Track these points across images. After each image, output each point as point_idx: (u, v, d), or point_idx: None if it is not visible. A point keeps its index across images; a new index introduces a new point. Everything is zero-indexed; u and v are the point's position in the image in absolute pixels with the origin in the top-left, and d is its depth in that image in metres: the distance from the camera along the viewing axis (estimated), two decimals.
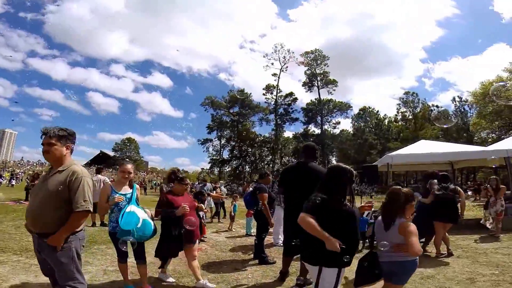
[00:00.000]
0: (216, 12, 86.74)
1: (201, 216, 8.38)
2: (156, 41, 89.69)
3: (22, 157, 58.02)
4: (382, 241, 2.69)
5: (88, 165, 57.54)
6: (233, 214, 9.68)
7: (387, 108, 76.59)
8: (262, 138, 47.38)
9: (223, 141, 50.08)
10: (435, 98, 73.32)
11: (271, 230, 6.05)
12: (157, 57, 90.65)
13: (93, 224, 9.07)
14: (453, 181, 6.37)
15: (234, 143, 48.89)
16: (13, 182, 30.92)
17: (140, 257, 3.68)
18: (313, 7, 78.66)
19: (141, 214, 3.45)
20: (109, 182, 3.54)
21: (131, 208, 3.43)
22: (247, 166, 48.25)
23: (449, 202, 5.58)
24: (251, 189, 7.91)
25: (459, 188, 6.13)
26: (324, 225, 2.35)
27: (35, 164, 54.29)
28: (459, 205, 5.80)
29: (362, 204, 3.18)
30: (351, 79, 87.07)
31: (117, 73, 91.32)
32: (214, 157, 49.69)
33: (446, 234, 5.71)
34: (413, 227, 2.59)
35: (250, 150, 46.36)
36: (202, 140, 49.81)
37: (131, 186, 3.68)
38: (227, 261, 5.59)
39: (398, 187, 2.95)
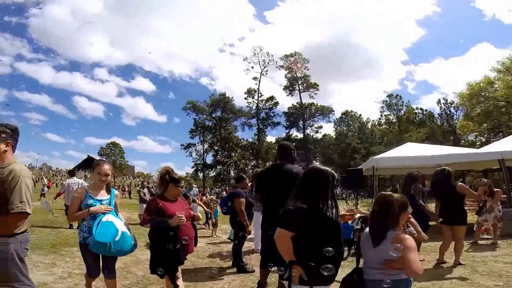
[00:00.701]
0: (194, 14, 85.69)
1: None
2: (136, 44, 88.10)
3: None
4: (370, 257, 2.30)
5: (76, 169, 55.90)
6: (214, 220, 9.35)
7: (370, 112, 77.17)
8: (245, 142, 46.91)
9: (206, 146, 49.52)
10: (418, 101, 74.09)
11: (252, 236, 5.79)
12: (139, 61, 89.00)
13: (70, 226, 8.85)
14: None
15: (217, 148, 48.28)
16: None
17: (110, 270, 3.14)
18: (289, 8, 78.07)
19: (120, 225, 2.99)
20: (85, 186, 3.09)
21: (109, 217, 2.96)
22: (231, 171, 47.56)
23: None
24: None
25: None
26: (304, 239, 2.08)
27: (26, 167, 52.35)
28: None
29: (343, 213, 2.71)
30: (332, 83, 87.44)
31: (101, 77, 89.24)
32: (197, 162, 49.05)
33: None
34: (410, 241, 2.17)
35: (233, 154, 45.77)
36: (185, 145, 49.09)
37: (108, 191, 3.20)
38: (203, 268, 5.31)
39: (389, 193, 2.48)
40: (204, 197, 11.41)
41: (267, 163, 47.51)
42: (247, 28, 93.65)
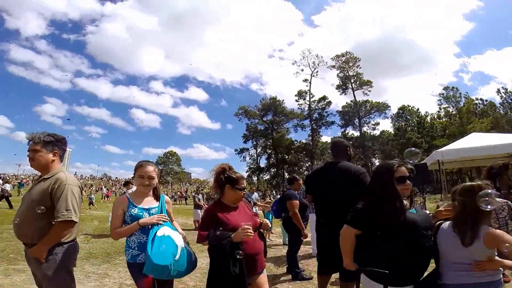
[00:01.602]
0: (243, 23, 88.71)
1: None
2: (189, 56, 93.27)
3: (76, 172, 61.83)
4: (453, 258, 2.02)
5: (133, 178, 60.57)
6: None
7: (427, 105, 73.51)
8: (298, 144, 47.00)
9: (259, 150, 50.43)
10: (476, 92, 69.73)
11: (309, 239, 5.34)
12: (192, 72, 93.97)
13: None
14: None
15: (270, 151, 48.87)
16: None
17: None
18: (336, 11, 78.23)
19: (178, 240, 2.37)
20: (126, 195, 2.55)
21: (165, 230, 2.33)
22: (285, 173, 47.88)
23: None
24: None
25: None
26: (374, 240, 2.00)
27: (87, 178, 57.74)
28: None
29: (440, 209, 2.38)
30: (385, 80, 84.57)
31: (156, 90, 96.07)
32: (251, 166, 50.01)
33: None
34: (508, 236, 1.92)
35: (286, 157, 46.08)
36: (239, 150, 50.39)
37: (157, 198, 2.58)
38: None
39: (473, 183, 2.13)
40: (263, 200, 11.28)
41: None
42: (296, 33, 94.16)
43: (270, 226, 2.58)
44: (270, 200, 11.99)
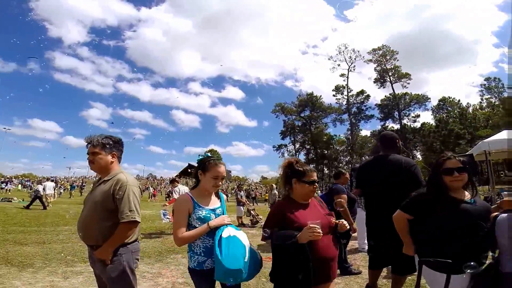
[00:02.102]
0: (276, 21, 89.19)
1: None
2: (224, 56, 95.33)
3: None
4: None
5: (178, 177, 63.42)
6: None
7: (467, 96, 70.06)
8: (337, 138, 47.28)
9: (297, 145, 51.00)
10: None
11: (354, 234, 5.04)
12: (228, 71, 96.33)
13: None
14: None
15: (308, 147, 49.49)
16: None
17: None
18: (368, 5, 76.36)
19: (245, 239, 2.17)
20: (188, 193, 2.27)
21: (230, 231, 2.13)
22: (325, 168, 48.40)
23: None
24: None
25: None
26: (429, 225, 2.12)
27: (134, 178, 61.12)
28: None
29: (505, 199, 2.29)
30: (423, 72, 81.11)
31: (195, 90, 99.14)
32: None
33: None
34: None
35: (326, 152, 46.42)
36: (277, 146, 51.33)
37: (218, 196, 2.41)
38: None
39: None
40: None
41: (363, 158, 46.95)
42: (329, 28, 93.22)
43: (347, 226, 2.16)
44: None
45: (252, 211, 11.93)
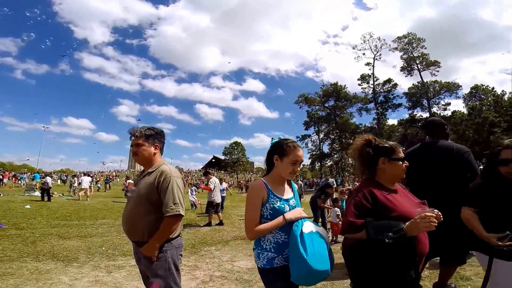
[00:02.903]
0: (294, 12, 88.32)
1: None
2: (244, 49, 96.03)
3: None
4: None
5: (204, 168, 64.56)
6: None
7: (500, 84, 66.50)
8: (363, 128, 46.48)
9: (321, 135, 50.56)
10: None
11: None
12: (248, 64, 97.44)
13: (208, 224, 9.05)
14: None
15: (333, 136, 48.89)
16: None
17: None
18: None
19: (326, 237, 1.94)
20: (262, 179, 1.95)
21: (309, 226, 1.86)
22: (349, 158, 47.55)
23: None
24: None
25: None
26: (494, 214, 2.05)
27: None
28: None
29: None
30: (452, 59, 78.59)
31: (217, 84, 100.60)
32: (314, 152, 50.40)
33: None
34: None
35: (351, 141, 45.52)
36: (301, 137, 50.86)
37: (290, 186, 2.11)
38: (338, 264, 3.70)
39: None
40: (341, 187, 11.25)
41: None
42: (349, 17, 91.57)
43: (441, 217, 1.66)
44: (350, 187, 11.94)
45: None
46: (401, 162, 1.83)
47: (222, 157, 63.32)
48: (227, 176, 57.70)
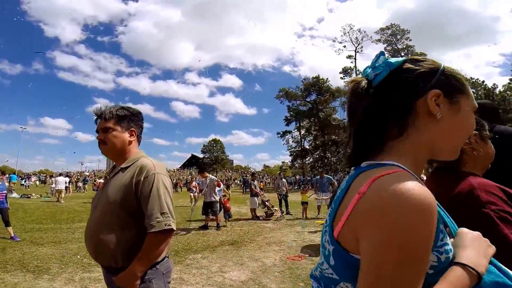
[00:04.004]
0: (268, 4, 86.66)
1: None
2: (218, 44, 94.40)
3: None
4: None
5: (182, 168, 62.19)
6: None
7: (487, 77, 66.32)
8: (347, 123, 45.07)
9: (303, 131, 48.95)
10: None
11: None
12: (224, 60, 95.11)
13: (203, 227, 8.24)
14: None
15: (315, 132, 47.30)
16: None
17: None
18: None
19: None
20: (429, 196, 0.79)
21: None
22: (329, 155, 46.20)
23: None
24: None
25: None
26: None
27: None
28: None
29: None
30: (434, 52, 78.15)
31: (192, 81, 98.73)
32: (294, 149, 48.90)
33: None
34: None
35: (334, 137, 44.26)
36: (282, 133, 49.45)
37: None
38: None
39: None
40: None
41: None
42: (325, 9, 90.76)
43: None
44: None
45: (267, 202, 10.87)
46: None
47: (201, 155, 61.44)
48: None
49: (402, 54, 42.37)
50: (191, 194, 14.35)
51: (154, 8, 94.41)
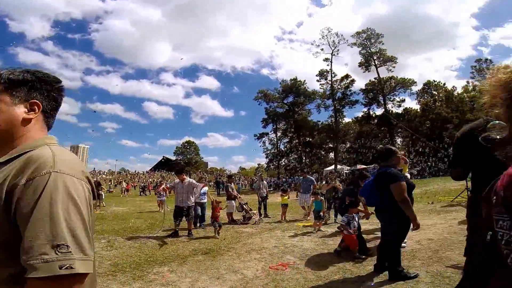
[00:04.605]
0: (249, 7, 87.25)
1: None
2: (197, 45, 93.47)
3: (94, 168, 61.82)
4: None
5: (152, 170, 60.52)
6: (321, 213, 8.53)
7: (446, 80, 70.28)
8: (321, 125, 45.55)
9: (279, 134, 49.16)
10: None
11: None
12: (202, 61, 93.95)
13: (174, 234, 7.51)
14: None
15: (291, 134, 47.56)
16: None
17: None
18: None
19: None
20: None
21: None
22: (304, 157, 46.57)
23: None
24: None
25: None
26: None
27: (105, 173, 57.60)
28: None
29: None
30: (401, 56, 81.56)
31: (168, 81, 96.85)
32: (271, 151, 48.95)
33: None
34: None
35: (309, 139, 44.66)
36: (258, 135, 49.33)
37: None
38: (333, 283, 3.98)
39: None
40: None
41: (345, 145, 45.71)
42: (304, 13, 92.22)
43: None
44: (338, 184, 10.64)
45: (244, 206, 10.43)
46: None
47: (173, 158, 60.12)
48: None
49: (375, 58, 43.46)
50: (158, 199, 13.78)
51: (134, 6, 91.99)
